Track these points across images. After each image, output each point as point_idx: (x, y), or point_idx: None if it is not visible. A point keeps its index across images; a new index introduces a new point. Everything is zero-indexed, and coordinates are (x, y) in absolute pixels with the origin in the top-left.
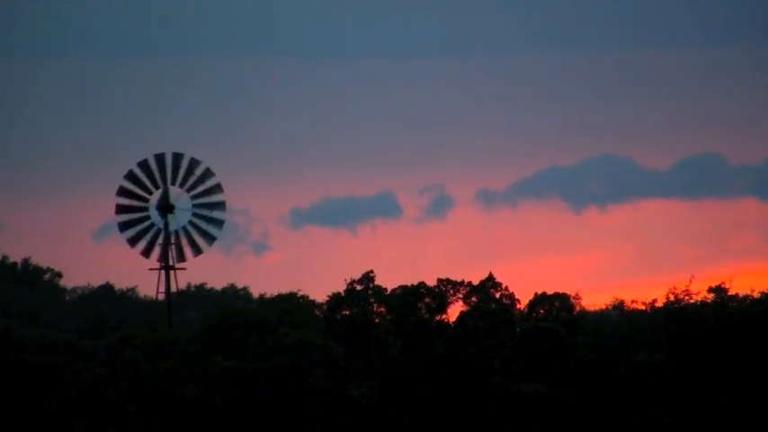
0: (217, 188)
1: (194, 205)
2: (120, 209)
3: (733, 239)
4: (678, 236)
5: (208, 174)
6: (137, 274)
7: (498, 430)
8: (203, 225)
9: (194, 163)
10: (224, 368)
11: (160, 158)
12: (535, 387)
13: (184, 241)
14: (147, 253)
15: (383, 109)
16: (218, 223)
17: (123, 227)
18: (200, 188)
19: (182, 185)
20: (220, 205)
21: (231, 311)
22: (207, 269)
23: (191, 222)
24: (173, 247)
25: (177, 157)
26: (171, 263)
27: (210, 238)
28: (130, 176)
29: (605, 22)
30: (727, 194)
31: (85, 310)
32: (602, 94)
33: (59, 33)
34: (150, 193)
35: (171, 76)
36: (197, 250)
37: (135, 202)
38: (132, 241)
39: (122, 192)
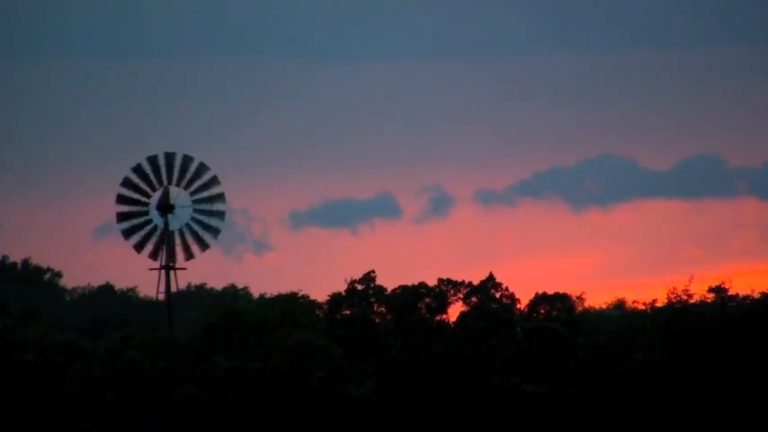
0: (214, 181)
1: (194, 201)
2: (121, 216)
3: (733, 239)
4: (678, 236)
5: (203, 168)
6: (137, 274)
7: (499, 430)
8: (205, 220)
9: (188, 160)
10: (224, 368)
11: (153, 160)
12: (536, 387)
13: (189, 239)
14: (154, 256)
15: (383, 109)
16: (220, 215)
17: (127, 233)
18: (197, 183)
19: (178, 184)
20: (219, 197)
21: (231, 311)
22: (207, 269)
23: (193, 219)
24: (176, 246)
25: (170, 157)
26: (174, 262)
27: (215, 232)
28: (127, 182)
29: (605, 23)
30: (727, 194)
31: (85, 310)
32: (603, 94)
33: (59, 33)
34: (149, 196)
35: (171, 76)
36: (203, 246)
37: (135, 208)
38: (138, 247)
39: (121, 199)
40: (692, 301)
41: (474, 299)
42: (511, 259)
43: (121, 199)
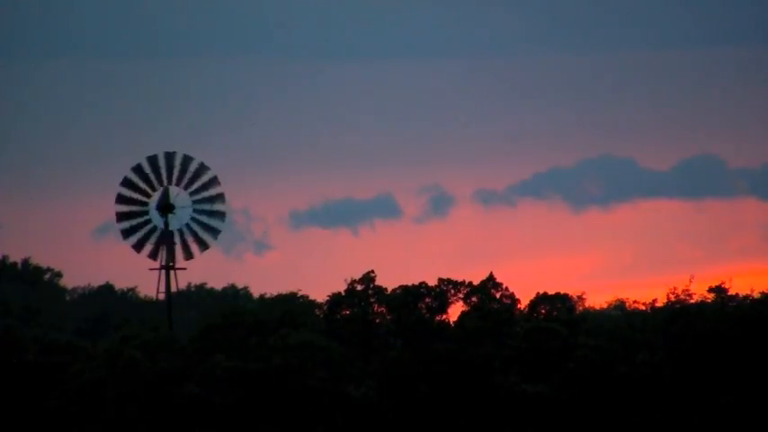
0: (214, 181)
1: (194, 201)
2: (121, 216)
3: (733, 239)
4: (678, 236)
5: (203, 169)
6: (137, 274)
7: (499, 430)
8: (205, 220)
9: (188, 160)
10: (224, 368)
11: (153, 160)
12: (536, 387)
13: (189, 238)
14: (153, 255)
15: (383, 109)
16: (220, 216)
17: (126, 233)
18: (197, 184)
19: (178, 183)
20: (219, 198)
21: (231, 311)
22: (207, 269)
23: (193, 219)
24: (176, 245)
25: (170, 157)
26: (174, 262)
27: (214, 232)
28: (127, 182)
29: (605, 22)
30: (727, 194)
31: (85, 310)
32: (602, 94)
33: (59, 33)
34: (149, 195)
35: (171, 76)
36: (203, 246)
37: (134, 208)
38: (137, 246)
39: (121, 199)
40: (691, 301)
41: (474, 299)
42: (511, 259)
43: (121, 199)
